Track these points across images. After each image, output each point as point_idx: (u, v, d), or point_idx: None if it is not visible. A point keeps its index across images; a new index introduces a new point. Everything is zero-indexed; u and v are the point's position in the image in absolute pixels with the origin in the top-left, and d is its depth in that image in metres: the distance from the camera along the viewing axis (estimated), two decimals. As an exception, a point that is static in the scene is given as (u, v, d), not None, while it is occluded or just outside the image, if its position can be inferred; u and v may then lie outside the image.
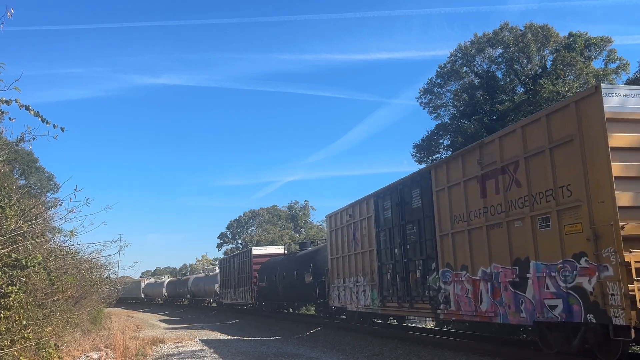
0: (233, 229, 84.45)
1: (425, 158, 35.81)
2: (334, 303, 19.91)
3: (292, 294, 26.35)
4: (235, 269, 36.06)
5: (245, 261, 33.85)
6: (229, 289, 37.50)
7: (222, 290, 39.82)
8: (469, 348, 12.03)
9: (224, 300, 39.34)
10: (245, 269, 33.46)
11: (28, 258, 7.03)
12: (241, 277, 34.15)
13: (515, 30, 32.82)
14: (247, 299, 32.81)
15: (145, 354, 14.43)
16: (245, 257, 34.26)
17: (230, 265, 37.64)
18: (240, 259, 35.43)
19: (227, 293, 38.01)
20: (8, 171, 13.41)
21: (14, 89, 5.95)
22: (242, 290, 33.70)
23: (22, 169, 41.07)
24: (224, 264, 40.88)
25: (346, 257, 18.76)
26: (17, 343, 7.55)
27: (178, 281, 57.92)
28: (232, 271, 36.85)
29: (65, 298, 12.56)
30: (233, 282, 36.24)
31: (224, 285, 39.44)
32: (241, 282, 34.02)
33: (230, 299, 37.40)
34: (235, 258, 37.07)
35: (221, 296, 40.16)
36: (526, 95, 30.33)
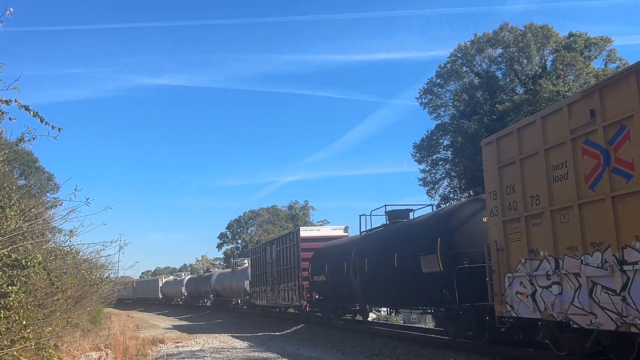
0: (233, 229, 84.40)
1: (425, 158, 35.86)
2: (513, 310, 10.11)
3: (388, 292, 16.23)
4: (273, 260, 27.95)
5: (289, 247, 25.37)
6: (264, 286, 29.33)
7: (255, 289, 31.75)
8: (469, 348, 12.02)
9: (256, 302, 31.62)
10: (289, 257, 25.25)
11: (28, 258, 7.03)
12: (283, 269, 25.91)
13: (515, 30, 32.85)
14: (292, 299, 24.66)
15: (145, 354, 14.43)
16: (289, 241, 25.59)
17: (266, 255, 29.42)
18: (281, 244, 26.80)
19: (261, 292, 30.05)
20: (8, 171, 13.41)
21: (13, 89, 5.96)
22: (285, 287, 25.54)
23: (22, 169, 41.07)
24: (256, 254, 31.95)
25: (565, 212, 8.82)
26: (17, 343, 7.55)
27: (199, 279, 49.01)
28: (267, 263, 28.91)
29: (65, 298, 12.56)
30: (270, 277, 28.14)
31: (256, 281, 31.30)
32: (283, 277, 25.85)
33: (265, 300, 29.28)
34: (272, 245, 28.70)
35: (252, 296, 32.30)
36: (526, 95, 30.34)
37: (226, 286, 40.10)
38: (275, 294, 27.08)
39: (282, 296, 25.95)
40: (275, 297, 27.16)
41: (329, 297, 21.38)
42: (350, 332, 18.45)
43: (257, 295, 31.01)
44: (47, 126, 6.30)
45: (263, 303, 30.02)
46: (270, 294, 27.92)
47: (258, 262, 31.19)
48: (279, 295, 26.45)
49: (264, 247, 30.54)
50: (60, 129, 6.43)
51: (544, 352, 10.44)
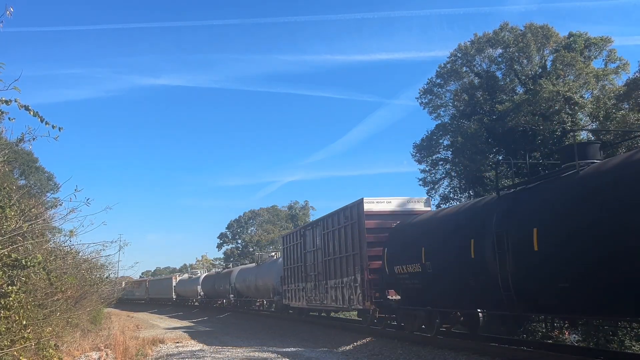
0: (233, 229, 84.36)
1: (425, 158, 35.85)
2: None
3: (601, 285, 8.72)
4: (316, 247, 20.94)
5: (343, 228, 18.34)
6: (302, 282, 22.64)
7: (288, 286, 25.01)
8: (469, 348, 12.02)
9: (290, 303, 24.78)
10: (344, 242, 18.24)
11: (28, 258, 7.03)
12: (334, 259, 19.01)
13: (515, 30, 32.84)
14: (350, 301, 17.53)
15: (145, 354, 14.42)
16: (343, 219, 18.38)
17: (305, 242, 22.44)
18: (330, 226, 19.67)
19: (298, 290, 23.36)
20: (8, 171, 13.41)
21: (13, 89, 5.95)
22: (337, 284, 18.64)
23: (22, 169, 41.04)
24: (290, 242, 25.02)
25: None
26: (17, 343, 7.55)
27: (217, 276, 42.42)
28: (308, 252, 21.99)
29: (65, 298, 12.56)
30: (312, 270, 21.30)
31: (290, 277, 24.59)
32: (334, 270, 18.97)
33: (304, 300, 22.44)
34: (315, 228, 21.38)
35: (285, 295, 25.55)
36: (526, 95, 30.33)
37: (249, 284, 33.30)
38: (320, 293, 20.36)
39: (332, 296, 19.10)
40: (320, 298, 20.36)
41: (426, 298, 13.79)
42: (349, 331, 18.30)
43: (292, 294, 24.45)
44: (47, 126, 6.30)
45: (300, 305, 23.24)
46: (313, 293, 21.23)
47: (293, 252, 24.36)
48: (326, 294, 19.65)
49: (301, 233, 23.28)
50: (61, 129, 6.42)
51: (544, 352, 10.44)
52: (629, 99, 25.38)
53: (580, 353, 10.54)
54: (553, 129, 29.15)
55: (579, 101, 28.82)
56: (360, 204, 17.03)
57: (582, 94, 30.06)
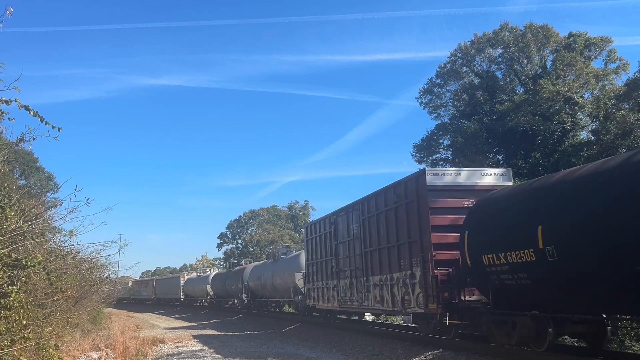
0: (233, 229, 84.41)
1: (425, 158, 35.87)
2: None
3: None
4: (352, 236, 17.37)
5: (393, 210, 14.64)
6: (331, 280, 19.18)
7: (313, 285, 21.40)
8: (469, 348, 12.01)
9: (316, 304, 21.09)
10: (395, 227, 14.50)
11: (28, 258, 7.04)
12: (378, 250, 15.36)
13: (515, 31, 32.86)
14: (405, 303, 13.88)
15: (145, 354, 14.42)
16: (394, 198, 14.65)
17: (337, 231, 18.80)
18: (372, 209, 15.98)
19: (326, 289, 19.84)
20: (8, 171, 13.41)
21: (13, 89, 5.96)
22: (382, 282, 15.07)
23: (22, 169, 41.06)
24: (316, 233, 21.17)
25: None
26: (17, 343, 7.56)
27: (228, 275, 39.24)
28: (340, 242, 18.41)
29: (65, 298, 12.57)
30: (346, 265, 17.83)
31: (316, 274, 21.02)
32: (378, 264, 15.38)
33: (335, 302, 18.91)
34: (351, 213, 17.60)
35: (309, 295, 21.92)
36: (526, 95, 30.35)
37: (265, 282, 29.68)
38: (358, 292, 16.77)
39: (376, 296, 15.46)
40: (358, 298, 16.79)
41: (536, 298, 10.32)
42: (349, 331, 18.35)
43: (318, 294, 20.72)
44: (47, 126, 6.31)
45: (329, 306, 19.66)
46: (348, 292, 17.65)
47: (320, 244, 20.52)
48: (367, 294, 16.03)
49: (332, 220, 19.29)
50: (60, 129, 6.43)
51: (544, 352, 10.43)
52: (629, 99, 25.39)
53: (580, 353, 10.53)
54: (553, 129, 29.16)
55: (579, 101, 28.84)
56: (420, 177, 13.35)
57: (582, 94, 30.09)
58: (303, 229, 23.62)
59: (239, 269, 37.13)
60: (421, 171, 13.52)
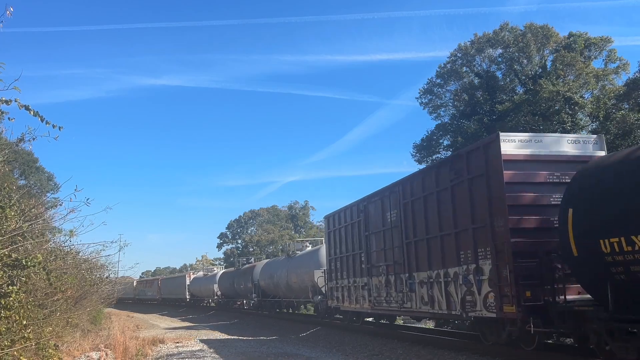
0: (233, 229, 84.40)
1: (425, 158, 35.85)
2: None
3: None
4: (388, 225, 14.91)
5: (457, 186, 11.86)
6: (362, 277, 16.54)
7: (336, 283, 19.01)
8: (469, 348, 12.02)
9: (340, 305, 18.76)
10: (452, 209, 11.94)
11: (28, 258, 7.04)
12: (428, 239, 12.89)
13: (515, 30, 32.86)
14: (465, 304, 11.43)
15: (145, 354, 14.43)
16: (461, 171, 11.72)
17: (368, 220, 16.26)
18: (423, 187, 13.25)
19: (354, 288, 17.26)
20: (8, 171, 13.41)
21: (13, 88, 5.96)
22: (433, 279, 12.64)
23: (22, 169, 41.04)
24: (342, 222, 18.52)
25: None
26: (17, 343, 7.56)
27: (237, 273, 36.25)
28: (373, 233, 15.91)
29: (65, 298, 12.56)
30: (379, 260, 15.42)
31: (340, 270, 18.52)
32: (426, 256, 12.91)
33: (364, 302, 16.43)
34: (387, 197, 15.06)
35: (332, 296, 19.47)
36: (526, 95, 30.35)
37: (278, 281, 27.09)
38: (397, 292, 14.17)
39: (422, 297, 12.97)
40: (398, 299, 14.12)
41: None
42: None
43: (343, 294, 18.24)
44: (47, 125, 6.31)
45: (358, 308, 17.13)
46: (381, 292, 15.13)
47: (346, 236, 18.01)
48: (410, 294, 13.49)
49: (361, 207, 16.68)
50: (61, 128, 6.43)
51: (544, 353, 10.43)
52: (629, 99, 25.40)
53: (580, 353, 10.53)
54: (553, 129, 29.14)
55: (579, 101, 28.82)
56: (492, 145, 10.61)
57: (582, 94, 30.07)
58: (323, 220, 20.66)
59: (249, 266, 34.34)
60: (493, 137, 10.70)
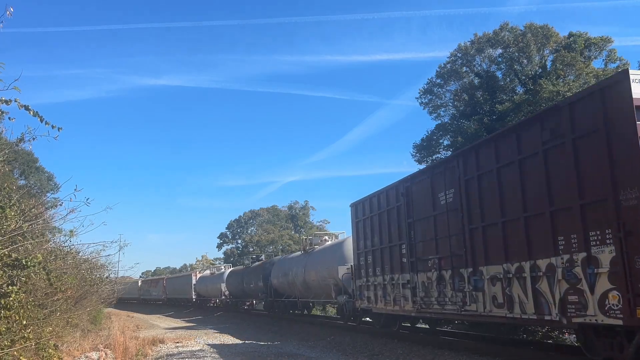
0: (233, 229, 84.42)
1: (425, 158, 35.86)
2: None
3: None
4: (446, 207, 12.15)
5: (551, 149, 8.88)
6: (403, 273, 14.07)
7: (367, 280, 16.37)
8: (469, 348, 12.02)
9: (372, 306, 16.01)
10: (540, 183, 9.08)
11: (28, 258, 7.05)
12: (500, 224, 10.15)
13: (515, 30, 32.86)
14: (564, 307, 8.56)
15: (145, 354, 14.43)
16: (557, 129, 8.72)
17: (412, 204, 13.71)
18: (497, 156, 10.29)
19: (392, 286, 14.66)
20: (8, 171, 13.41)
21: (13, 88, 5.97)
22: (508, 274, 9.84)
23: (22, 169, 41.08)
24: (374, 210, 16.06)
25: None
26: (17, 343, 7.56)
27: (246, 271, 33.70)
28: (420, 220, 13.33)
29: (65, 298, 12.56)
30: (428, 251, 12.93)
31: (372, 265, 16.04)
32: (499, 246, 10.20)
33: (407, 303, 13.86)
34: (444, 173, 12.34)
35: (359, 294, 16.98)
36: (526, 95, 30.35)
37: (294, 279, 24.43)
38: (455, 291, 11.67)
39: (497, 296, 10.32)
40: (455, 299, 11.63)
41: None
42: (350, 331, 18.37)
43: (375, 293, 15.67)
44: (47, 125, 6.32)
45: (397, 310, 14.34)
46: (430, 291, 12.66)
47: (378, 225, 15.57)
48: (476, 294, 10.92)
49: (402, 189, 14.13)
50: (60, 129, 6.45)
51: (544, 353, 10.44)
52: (629, 99, 25.36)
53: (580, 353, 10.53)
54: (553, 129, 29.14)
55: (579, 101, 28.79)
56: (617, 86, 7.75)
57: (582, 94, 30.04)
58: (350, 208, 17.86)
59: (259, 264, 31.73)
60: (618, 76, 7.76)
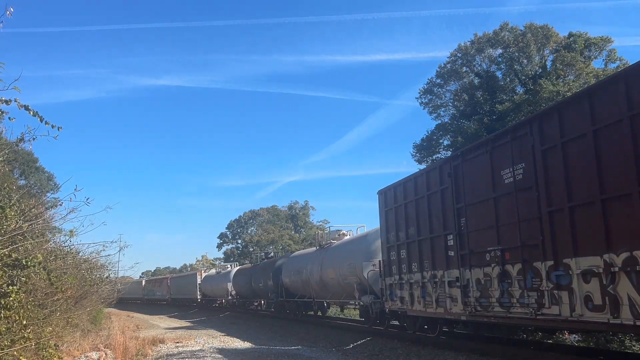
0: (233, 229, 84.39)
1: (425, 158, 35.86)
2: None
3: None
4: (514, 185, 9.72)
5: None
6: (445, 268, 11.95)
7: (399, 278, 14.37)
8: (469, 348, 12.02)
9: (408, 308, 13.92)
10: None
11: (28, 258, 7.05)
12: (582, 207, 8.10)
13: (515, 30, 32.86)
14: None
15: (145, 354, 14.42)
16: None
17: (463, 185, 11.40)
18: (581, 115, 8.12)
19: (431, 284, 12.63)
20: (8, 171, 13.41)
21: (13, 88, 5.97)
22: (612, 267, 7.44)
23: (22, 169, 41.08)
24: (410, 195, 13.87)
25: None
26: (17, 343, 7.56)
27: (255, 270, 31.92)
28: (474, 204, 11.04)
29: (65, 298, 12.56)
30: (482, 242, 10.68)
31: (403, 261, 14.16)
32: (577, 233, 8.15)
33: (456, 304, 11.48)
34: (514, 141, 9.86)
35: (390, 294, 15.08)
36: (526, 95, 30.35)
37: (309, 277, 22.41)
38: (524, 289, 9.40)
39: (591, 298, 7.88)
40: (528, 301, 9.29)
41: None
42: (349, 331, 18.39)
43: (410, 293, 13.72)
44: (46, 125, 6.33)
45: (442, 314, 12.26)
46: (486, 291, 10.57)
47: (415, 213, 13.52)
48: (557, 293, 8.54)
49: (449, 169, 12.05)
50: (60, 128, 6.45)
51: (544, 353, 10.44)
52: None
53: (580, 353, 10.54)
54: (553, 129, 29.14)
55: (579, 101, 28.79)
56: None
57: (582, 94, 30.04)
58: (378, 196, 15.81)
59: (269, 261, 30.03)
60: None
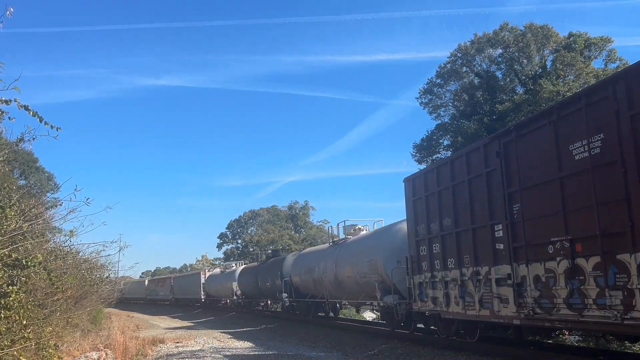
0: (233, 229, 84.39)
1: (425, 158, 35.86)
2: None
3: None
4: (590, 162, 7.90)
5: None
6: (491, 264, 10.33)
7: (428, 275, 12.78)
8: (469, 348, 12.01)
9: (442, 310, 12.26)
10: None
11: (28, 258, 7.05)
12: None
13: (515, 30, 32.86)
14: None
15: (145, 354, 14.42)
16: None
17: (518, 164, 9.64)
18: None
19: (473, 282, 11.01)
20: (8, 171, 13.42)
21: (13, 89, 5.97)
22: None
23: (22, 169, 41.08)
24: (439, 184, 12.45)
25: None
26: (17, 343, 7.56)
27: (261, 268, 30.59)
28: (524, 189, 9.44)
29: (65, 298, 12.56)
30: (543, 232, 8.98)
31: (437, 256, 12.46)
32: None
33: (507, 306, 9.83)
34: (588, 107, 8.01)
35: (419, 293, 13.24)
36: (526, 95, 30.35)
37: (322, 276, 20.84)
38: (602, 290, 7.66)
39: None
40: (609, 302, 7.50)
41: None
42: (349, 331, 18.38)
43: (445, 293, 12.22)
44: (46, 126, 6.33)
45: (487, 316, 10.76)
46: (546, 291, 8.91)
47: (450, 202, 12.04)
48: None
49: (497, 149, 10.34)
50: (59, 129, 6.46)
51: (544, 353, 10.44)
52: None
53: (581, 353, 10.54)
54: (553, 129, 29.12)
55: (579, 101, 28.79)
56: None
57: (582, 94, 30.04)
58: (404, 184, 14.36)
59: (277, 259, 28.66)
60: None
